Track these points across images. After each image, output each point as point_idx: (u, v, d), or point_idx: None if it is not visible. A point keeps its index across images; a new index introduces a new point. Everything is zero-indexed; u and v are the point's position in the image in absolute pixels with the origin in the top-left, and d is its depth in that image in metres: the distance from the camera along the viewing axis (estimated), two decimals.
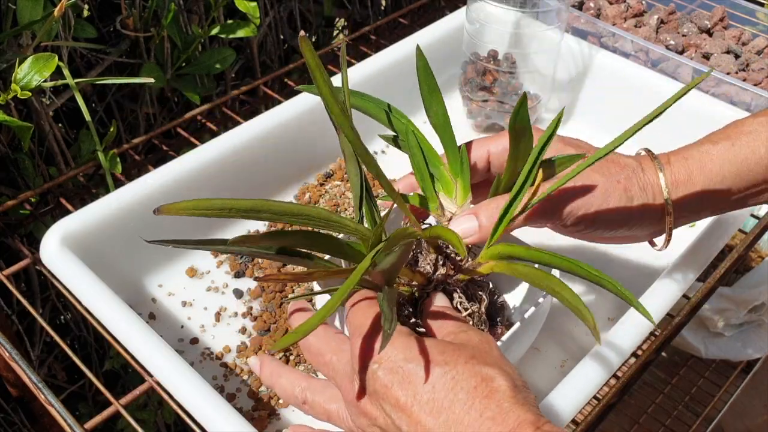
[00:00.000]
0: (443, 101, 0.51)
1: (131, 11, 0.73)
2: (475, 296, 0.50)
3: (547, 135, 0.46)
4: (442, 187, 0.51)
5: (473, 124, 0.83)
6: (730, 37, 0.86)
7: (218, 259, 0.67)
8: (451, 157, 0.51)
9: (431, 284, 0.48)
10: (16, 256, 0.74)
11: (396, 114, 0.52)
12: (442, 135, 0.51)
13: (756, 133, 0.48)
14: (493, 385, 0.38)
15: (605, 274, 0.41)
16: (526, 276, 0.44)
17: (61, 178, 0.71)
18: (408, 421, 0.38)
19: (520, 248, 0.45)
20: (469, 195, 0.50)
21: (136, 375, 0.62)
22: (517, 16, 0.77)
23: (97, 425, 0.52)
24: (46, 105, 0.72)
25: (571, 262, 0.43)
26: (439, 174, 0.51)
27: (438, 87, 0.51)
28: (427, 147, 0.51)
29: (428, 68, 0.50)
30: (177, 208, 0.36)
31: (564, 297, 0.41)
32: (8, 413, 0.87)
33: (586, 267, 0.42)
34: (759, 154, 0.47)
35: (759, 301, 1.25)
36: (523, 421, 0.36)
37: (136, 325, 0.52)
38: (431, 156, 0.51)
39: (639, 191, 0.48)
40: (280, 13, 0.95)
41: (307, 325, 0.38)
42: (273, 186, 0.72)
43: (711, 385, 1.30)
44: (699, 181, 0.48)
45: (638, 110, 0.78)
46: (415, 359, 0.39)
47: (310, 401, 0.45)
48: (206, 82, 0.83)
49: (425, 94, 0.50)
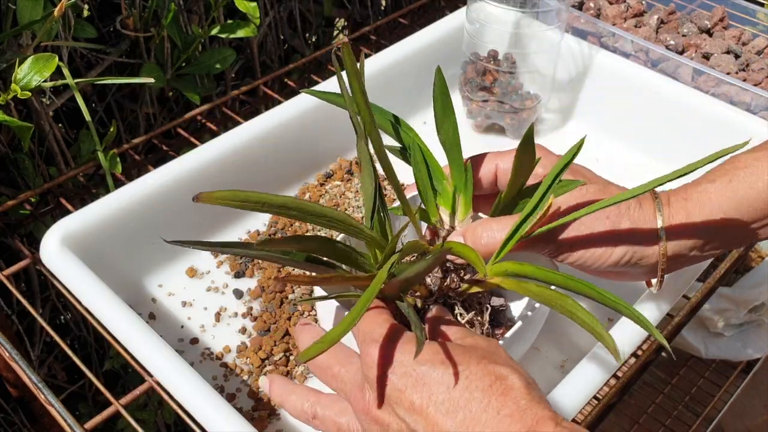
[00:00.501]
0: (456, 121, 0.51)
1: (131, 11, 0.73)
2: (475, 307, 0.50)
3: (565, 161, 0.46)
4: (443, 201, 0.51)
5: (473, 124, 0.83)
6: (730, 37, 0.86)
7: (218, 260, 0.67)
8: (456, 173, 0.51)
9: (433, 297, 0.49)
10: (16, 256, 0.74)
11: (403, 126, 0.53)
12: (449, 151, 0.51)
13: (752, 167, 0.47)
14: (507, 383, 0.38)
15: (621, 300, 0.41)
16: (539, 296, 0.43)
17: (61, 178, 0.71)
18: (424, 423, 0.38)
19: (530, 267, 0.45)
20: (470, 211, 0.51)
21: (136, 375, 0.62)
22: (517, 16, 0.77)
23: (97, 425, 0.52)
24: (46, 105, 0.72)
25: (586, 285, 0.42)
26: (442, 189, 0.51)
27: (453, 107, 0.51)
28: (432, 162, 0.52)
29: (445, 88, 0.51)
30: (215, 197, 0.37)
31: (580, 319, 0.40)
32: (8, 413, 0.87)
33: (602, 292, 0.41)
34: (757, 188, 0.46)
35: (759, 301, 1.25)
36: (542, 418, 0.36)
37: (136, 325, 0.52)
38: (436, 171, 0.52)
39: (630, 230, 0.47)
40: (280, 13, 0.95)
41: (332, 334, 0.38)
42: (273, 186, 0.72)
43: (711, 385, 1.30)
44: (697, 222, 0.47)
45: (638, 110, 0.79)
46: (428, 362, 0.39)
47: (320, 416, 0.44)
48: (206, 82, 0.83)
49: (439, 113, 0.51)
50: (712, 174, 0.49)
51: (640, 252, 0.48)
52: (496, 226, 0.47)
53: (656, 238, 0.47)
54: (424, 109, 0.83)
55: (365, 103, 0.42)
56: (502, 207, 0.49)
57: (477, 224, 0.48)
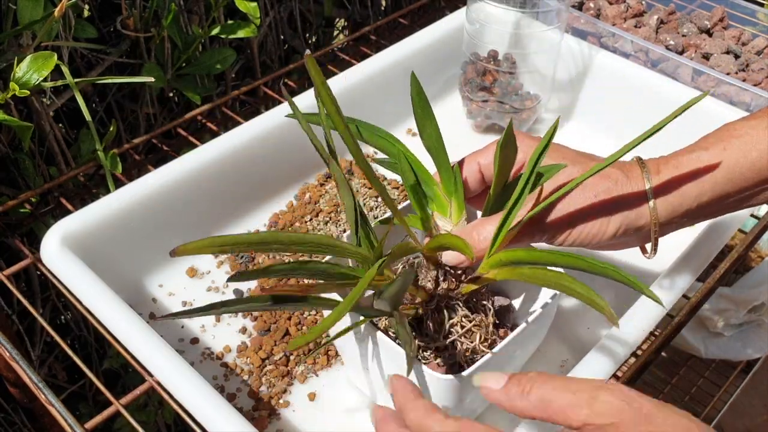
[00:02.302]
0: (437, 124, 0.52)
1: (131, 11, 0.73)
2: (479, 308, 0.50)
3: (540, 148, 0.46)
4: (436, 206, 0.52)
5: (473, 124, 0.83)
6: (730, 38, 0.86)
7: (218, 260, 0.67)
8: (445, 178, 0.51)
9: (434, 300, 0.49)
10: (16, 256, 0.74)
11: (389, 138, 0.53)
12: (435, 156, 0.52)
13: (747, 136, 0.47)
14: None
15: (609, 264, 0.42)
16: (533, 278, 0.44)
17: (61, 178, 0.71)
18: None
19: (521, 252, 0.45)
20: (463, 213, 0.51)
21: (136, 375, 0.63)
22: (517, 17, 0.77)
23: (97, 425, 0.52)
24: (47, 105, 0.72)
25: (574, 257, 0.43)
26: (434, 194, 0.52)
27: (432, 111, 0.51)
28: (420, 169, 0.52)
29: (422, 93, 0.51)
30: (191, 248, 0.37)
31: (576, 291, 0.41)
32: (8, 413, 0.87)
33: (590, 260, 0.42)
34: (751, 158, 0.47)
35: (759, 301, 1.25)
36: None
37: (136, 325, 0.52)
38: (425, 177, 0.52)
39: (620, 201, 0.48)
40: (281, 13, 0.95)
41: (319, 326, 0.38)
42: (273, 186, 0.72)
43: (711, 385, 1.30)
44: (689, 188, 0.48)
45: (638, 110, 0.79)
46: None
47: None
48: (206, 83, 0.83)
49: (419, 118, 0.51)
50: (705, 141, 0.49)
51: (634, 222, 0.48)
52: (489, 226, 0.47)
53: (647, 206, 0.48)
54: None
55: (337, 112, 0.41)
56: (492, 205, 0.49)
57: (471, 227, 0.48)
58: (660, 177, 0.48)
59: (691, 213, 0.49)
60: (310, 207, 0.71)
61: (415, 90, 0.51)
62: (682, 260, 0.58)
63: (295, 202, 0.72)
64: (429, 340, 0.49)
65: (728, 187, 0.48)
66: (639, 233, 0.49)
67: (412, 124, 0.59)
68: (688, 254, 0.58)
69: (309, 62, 0.39)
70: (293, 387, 0.58)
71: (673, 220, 0.49)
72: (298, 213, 0.70)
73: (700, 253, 0.59)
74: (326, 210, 0.70)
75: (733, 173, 0.47)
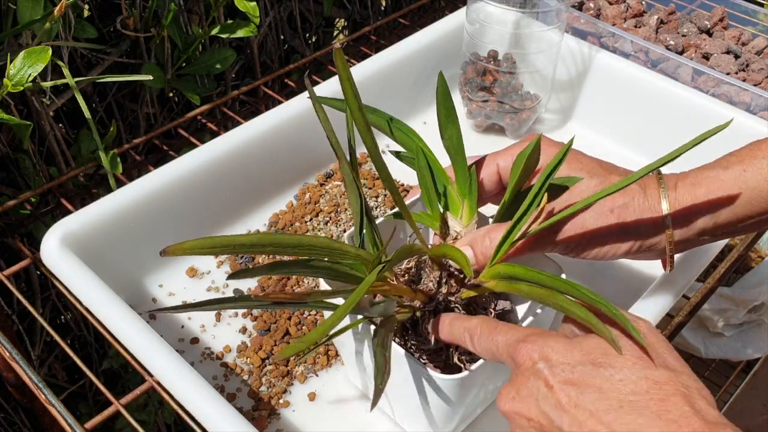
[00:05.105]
0: (459, 126, 0.51)
1: (131, 11, 0.73)
2: (479, 312, 0.50)
3: (553, 164, 0.46)
4: (449, 206, 0.51)
5: (473, 124, 0.83)
6: (730, 38, 0.86)
7: (218, 260, 0.67)
8: (461, 179, 0.51)
9: (433, 302, 0.49)
10: (16, 256, 0.74)
11: (406, 131, 0.53)
12: (454, 157, 0.51)
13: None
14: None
15: (601, 297, 0.40)
16: (531, 295, 0.43)
17: (61, 178, 0.71)
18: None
19: (519, 268, 0.45)
20: (474, 216, 0.51)
21: (136, 375, 0.63)
22: (517, 17, 0.77)
23: (97, 425, 0.52)
24: (47, 105, 0.72)
25: (568, 284, 0.42)
26: (447, 193, 0.51)
27: (456, 113, 0.51)
28: (436, 167, 0.52)
29: (448, 94, 0.51)
30: (184, 248, 0.36)
31: (575, 313, 0.40)
32: (8, 413, 0.87)
33: (583, 290, 0.41)
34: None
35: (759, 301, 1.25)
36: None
37: (136, 325, 0.52)
38: (440, 175, 0.52)
39: (635, 221, 0.47)
40: (280, 13, 0.95)
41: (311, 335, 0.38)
42: (273, 186, 0.72)
43: (711, 385, 1.30)
44: (705, 208, 0.46)
45: (638, 110, 0.79)
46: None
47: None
48: (206, 83, 0.83)
49: (442, 118, 0.51)
50: (727, 160, 0.47)
51: (648, 241, 0.48)
52: (501, 234, 0.47)
53: (663, 226, 0.47)
54: (424, 110, 0.83)
55: (359, 109, 0.41)
56: (505, 211, 0.49)
57: (484, 231, 0.48)
58: (677, 194, 0.47)
59: (708, 232, 0.48)
60: (310, 207, 0.71)
61: (441, 91, 0.50)
62: (681, 260, 0.58)
63: (295, 202, 0.72)
64: (423, 341, 0.49)
65: (746, 209, 0.46)
66: (653, 250, 0.48)
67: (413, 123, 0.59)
68: (688, 254, 0.58)
69: (337, 55, 0.39)
70: (293, 387, 0.58)
71: (689, 239, 0.48)
72: (298, 213, 0.70)
73: (699, 253, 0.59)
74: (326, 210, 0.70)
75: (753, 196, 0.46)
